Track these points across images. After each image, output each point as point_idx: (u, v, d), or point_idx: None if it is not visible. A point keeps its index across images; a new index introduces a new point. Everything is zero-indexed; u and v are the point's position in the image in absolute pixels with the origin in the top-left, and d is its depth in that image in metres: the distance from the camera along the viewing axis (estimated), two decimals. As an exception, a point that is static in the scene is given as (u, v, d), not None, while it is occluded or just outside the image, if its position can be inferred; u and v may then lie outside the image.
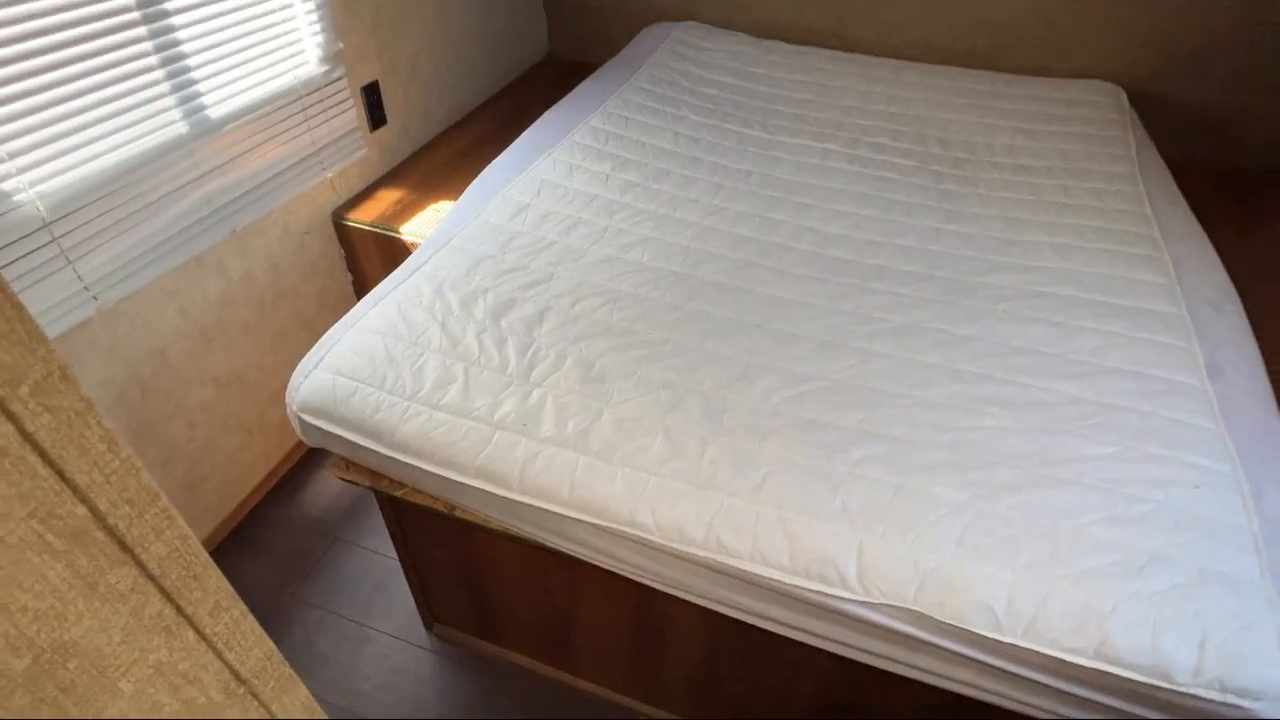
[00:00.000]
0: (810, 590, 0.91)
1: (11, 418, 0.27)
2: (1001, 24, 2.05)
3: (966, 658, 0.89)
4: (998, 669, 0.89)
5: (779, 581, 0.92)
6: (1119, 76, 2.03)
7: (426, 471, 1.05)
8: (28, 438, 0.28)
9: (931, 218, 1.53)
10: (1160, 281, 1.33)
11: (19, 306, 0.27)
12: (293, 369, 1.17)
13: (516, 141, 1.77)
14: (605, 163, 1.66)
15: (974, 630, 0.85)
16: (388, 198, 1.84)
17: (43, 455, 0.29)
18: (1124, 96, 1.95)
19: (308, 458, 1.92)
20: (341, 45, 1.65)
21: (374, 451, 1.08)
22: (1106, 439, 1.04)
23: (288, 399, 1.14)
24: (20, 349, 0.27)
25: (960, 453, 1.01)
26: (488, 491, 1.03)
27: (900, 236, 1.48)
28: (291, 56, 1.53)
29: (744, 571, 0.93)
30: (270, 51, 1.47)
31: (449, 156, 2.01)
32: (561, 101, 1.94)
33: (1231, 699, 0.79)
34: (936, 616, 0.86)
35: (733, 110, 1.91)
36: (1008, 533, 0.91)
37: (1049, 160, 1.71)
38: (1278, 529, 0.91)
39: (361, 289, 1.92)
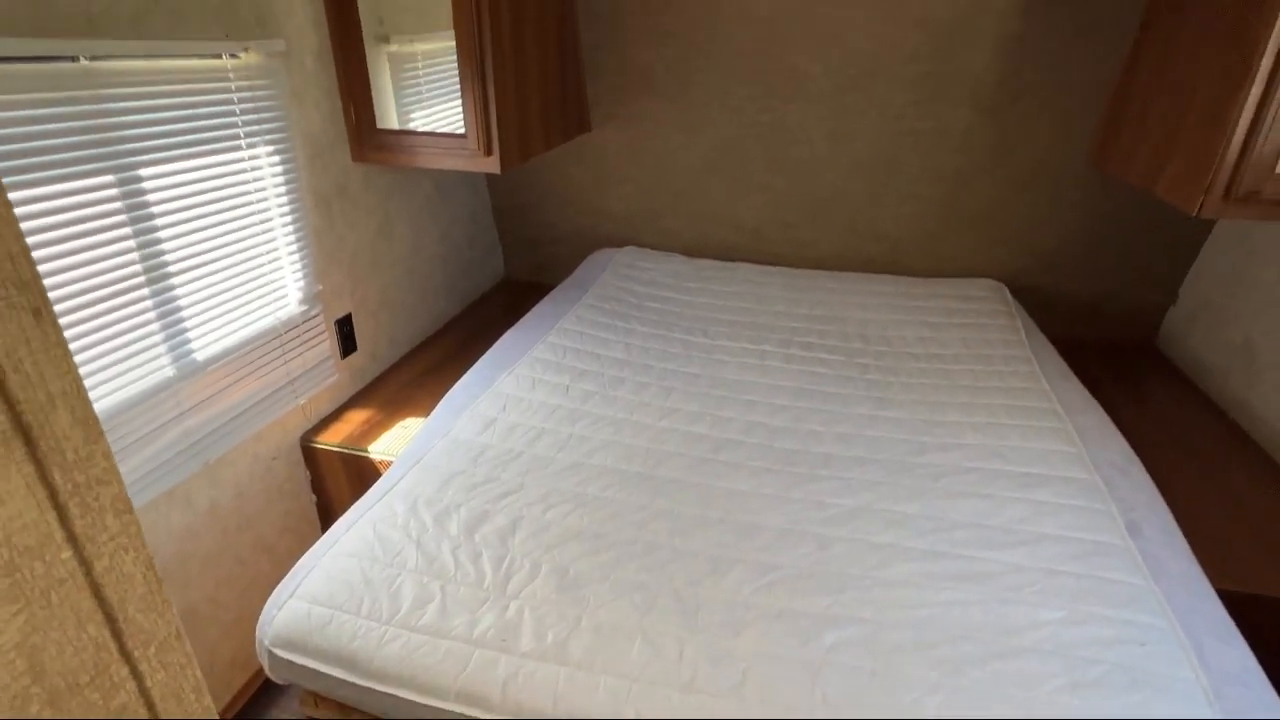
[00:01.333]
0: (804, 792, 0.90)
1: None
2: (896, 238, 2.42)
3: None
4: None
5: (772, 786, 0.91)
6: (998, 273, 2.38)
7: (404, 700, 1.03)
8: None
9: (863, 405, 1.70)
10: (1070, 450, 1.49)
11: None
12: (247, 599, 1.17)
13: (480, 360, 1.92)
14: (564, 375, 1.81)
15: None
16: (356, 419, 1.92)
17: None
18: (1006, 290, 2.27)
19: (263, 692, 1.79)
20: (321, 287, 1.83)
21: (349, 683, 1.06)
22: (1054, 603, 1.11)
23: (258, 634, 1.13)
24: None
25: (924, 630, 1.06)
26: (468, 717, 1.01)
27: (839, 424, 1.63)
28: (275, 300, 1.69)
29: (736, 779, 0.92)
30: (257, 297, 1.63)
31: (414, 376, 2.14)
32: (520, 322, 2.14)
33: None
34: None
35: (676, 321, 2.14)
36: (982, 706, 0.94)
37: (955, 349, 1.95)
38: (1223, 680, 0.98)
39: (326, 511, 1.93)
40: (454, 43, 1.70)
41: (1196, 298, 2.16)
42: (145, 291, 1.34)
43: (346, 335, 1.97)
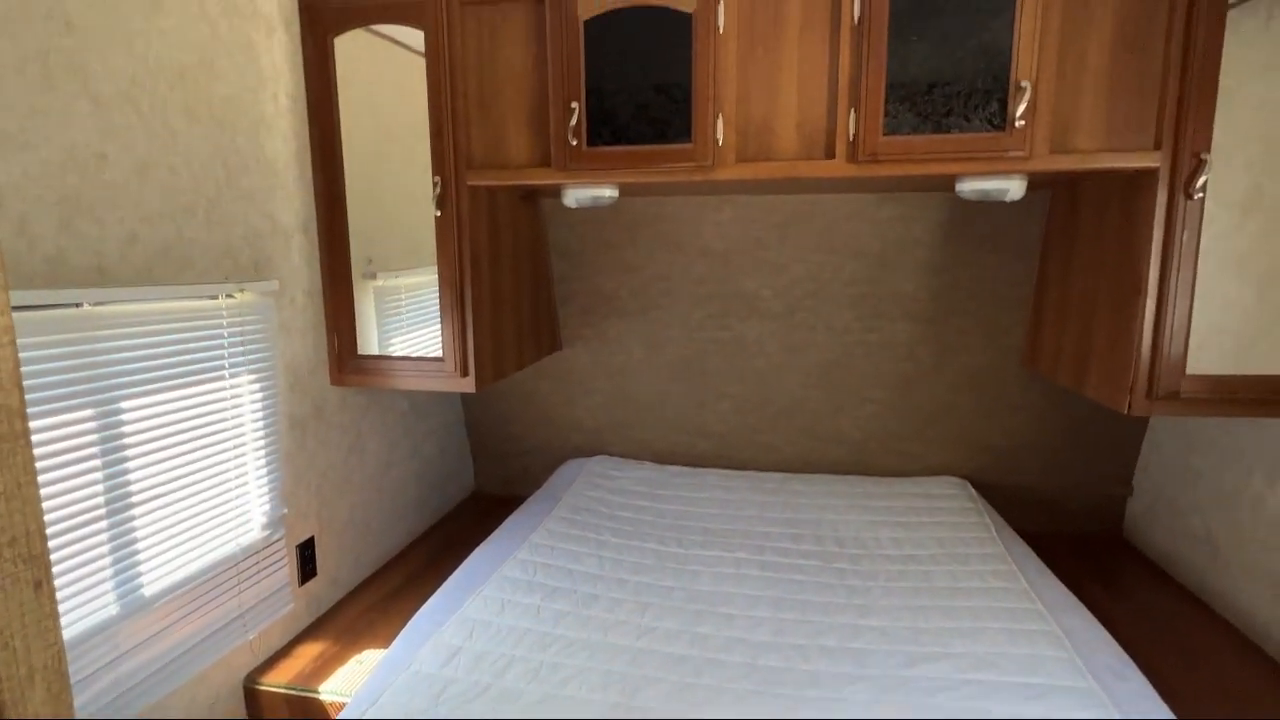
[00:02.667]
0: None
1: None
2: (858, 440, 2.51)
3: None
4: None
5: None
6: (959, 471, 2.45)
7: None
8: None
9: (846, 614, 1.64)
10: (1062, 655, 1.44)
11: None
12: None
13: (447, 582, 1.85)
14: (535, 594, 1.74)
15: None
16: (308, 653, 1.78)
17: None
18: (970, 487, 2.33)
19: None
20: (286, 510, 1.79)
21: None
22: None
23: None
24: None
25: None
26: None
27: (822, 637, 1.56)
28: (237, 526, 1.64)
29: None
30: (218, 524, 1.58)
31: (377, 600, 2.02)
32: (490, 538, 2.09)
33: None
34: None
35: (649, 530, 2.11)
36: None
37: (931, 549, 1.94)
38: None
39: (263, 766, 1.71)
40: (436, 277, 1.86)
41: (1151, 489, 2.24)
42: (103, 524, 1.30)
43: (307, 559, 1.90)
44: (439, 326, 1.89)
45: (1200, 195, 1.47)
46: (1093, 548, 2.26)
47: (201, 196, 1.51)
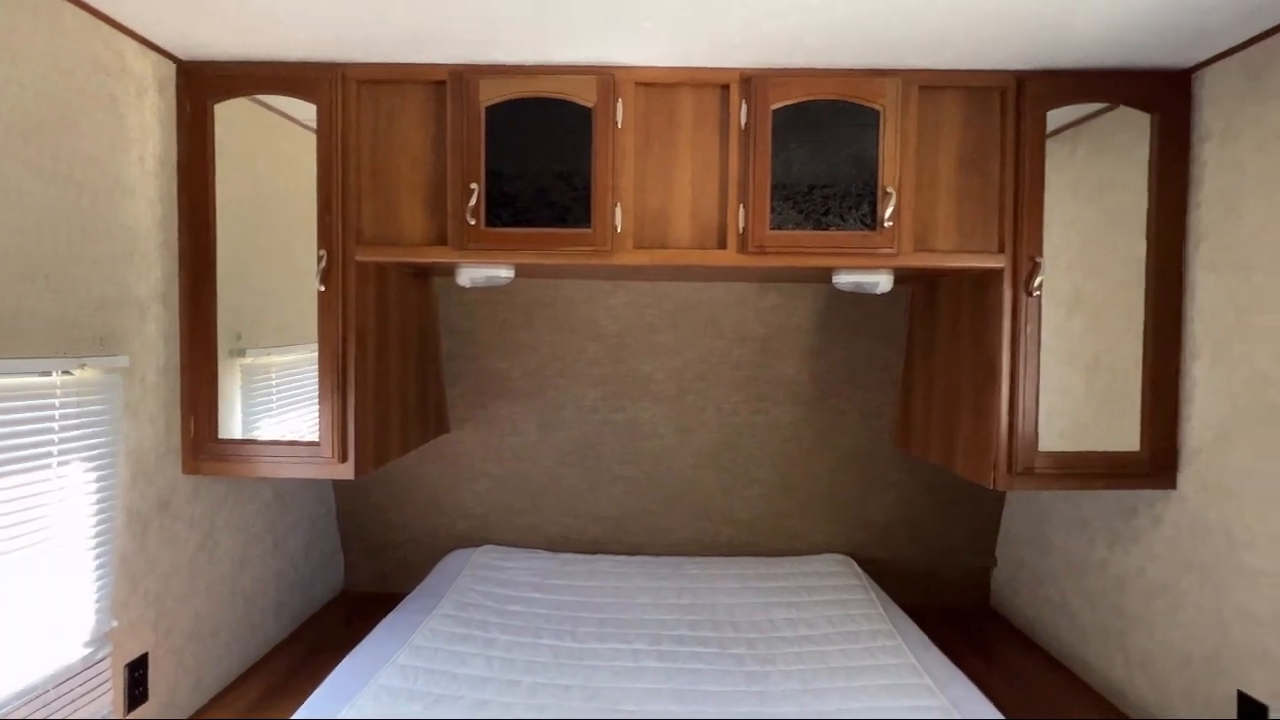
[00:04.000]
0: None
1: None
2: (746, 520, 2.55)
3: None
4: None
5: None
6: (843, 547, 2.54)
7: None
8: None
9: (746, 703, 1.61)
10: (953, 729, 1.47)
11: None
12: None
13: (313, 696, 1.63)
14: (417, 704, 1.57)
15: None
16: (132, 799, 1.48)
17: None
18: (854, 563, 2.41)
19: None
20: (115, 623, 1.53)
21: None
22: None
23: None
24: None
25: None
26: None
27: (726, 729, 1.51)
28: (51, 644, 1.37)
29: None
30: (24, 644, 1.32)
31: (222, 725, 1.75)
32: (363, 643, 1.88)
33: None
34: None
35: (542, 624, 1.99)
36: None
37: (824, 629, 1.96)
38: None
39: None
40: (314, 354, 1.74)
41: (1012, 560, 2.42)
42: None
43: (137, 681, 1.61)
44: (315, 408, 1.75)
45: (1038, 293, 1.68)
46: (964, 617, 2.39)
47: (43, 261, 1.34)
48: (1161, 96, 1.66)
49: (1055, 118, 1.69)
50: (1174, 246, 1.68)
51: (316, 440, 1.75)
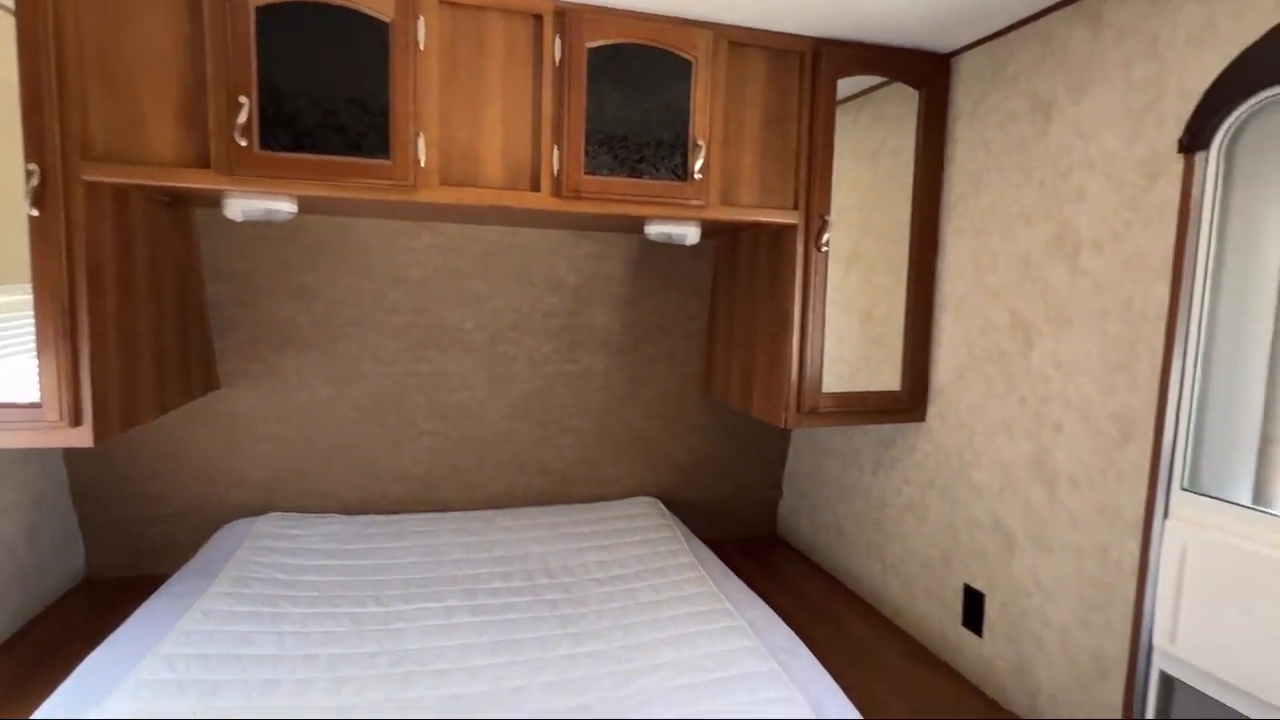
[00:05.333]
0: None
1: None
2: (559, 469, 2.56)
3: None
4: None
5: None
6: (651, 490, 2.66)
7: None
8: None
9: (562, 645, 1.63)
10: (749, 644, 1.62)
11: None
12: None
13: (48, 701, 1.36)
14: (189, 695, 1.38)
15: None
16: None
17: None
18: (660, 504, 2.54)
19: None
20: None
21: None
22: (782, 811, 1.12)
23: None
24: None
25: None
26: None
27: (541, 673, 1.52)
28: None
29: None
30: None
31: (-87, 757, 1.40)
32: (114, 636, 1.60)
33: None
34: None
35: (340, 592, 1.84)
36: None
37: (634, 568, 2.04)
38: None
39: None
40: (30, 297, 1.40)
41: (795, 491, 2.70)
42: None
43: None
44: (33, 362, 1.42)
45: (826, 249, 1.84)
46: (757, 546, 2.64)
47: None
48: (928, 76, 1.87)
49: (845, 86, 1.83)
50: (932, 213, 1.92)
51: (37, 401, 1.42)
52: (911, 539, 2.04)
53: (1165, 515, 1.32)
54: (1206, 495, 1.27)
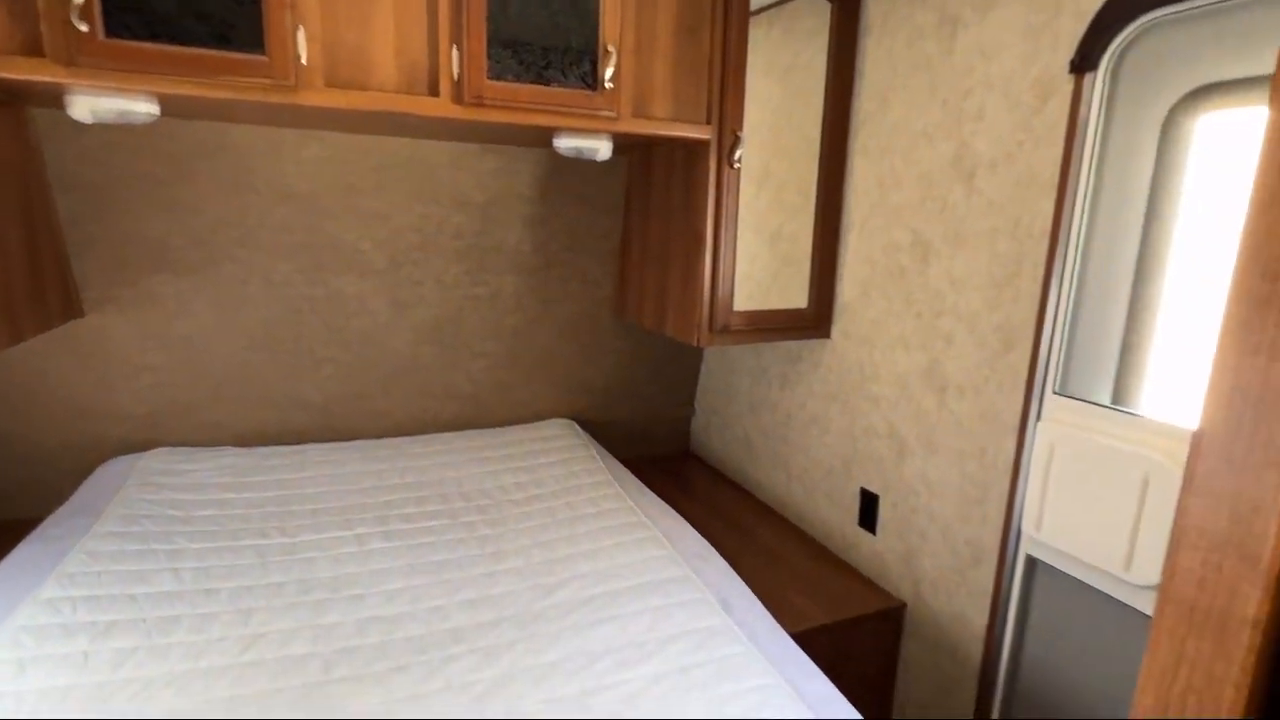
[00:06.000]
0: None
1: None
2: (470, 394, 2.51)
3: None
4: None
5: None
6: (566, 412, 2.66)
7: None
8: None
9: (481, 565, 1.64)
10: (664, 553, 1.69)
11: None
12: None
13: (-90, 659, 1.25)
14: (79, 639, 1.30)
15: None
16: None
17: None
18: (576, 425, 2.55)
19: None
20: None
21: None
22: (696, 698, 1.20)
23: None
24: None
25: (601, 781, 1.03)
26: None
27: (461, 592, 1.53)
28: None
29: None
30: None
31: None
32: (-15, 582, 1.48)
33: None
34: None
35: (242, 525, 1.77)
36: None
37: (550, 487, 2.07)
38: (820, 706, 1.18)
39: None
40: None
41: (707, 408, 2.78)
42: None
43: None
44: None
45: (738, 166, 1.82)
46: (671, 463, 2.72)
47: None
48: (839, -12, 1.84)
49: (757, -5, 1.78)
50: (841, 131, 1.94)
51: None
52: (815, 449, 2.15)
53: (1038, 417, 1.45)
54: (1074, 398, 1.40)
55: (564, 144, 1.82)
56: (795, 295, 2.02)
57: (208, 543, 1.68)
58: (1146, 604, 1.27)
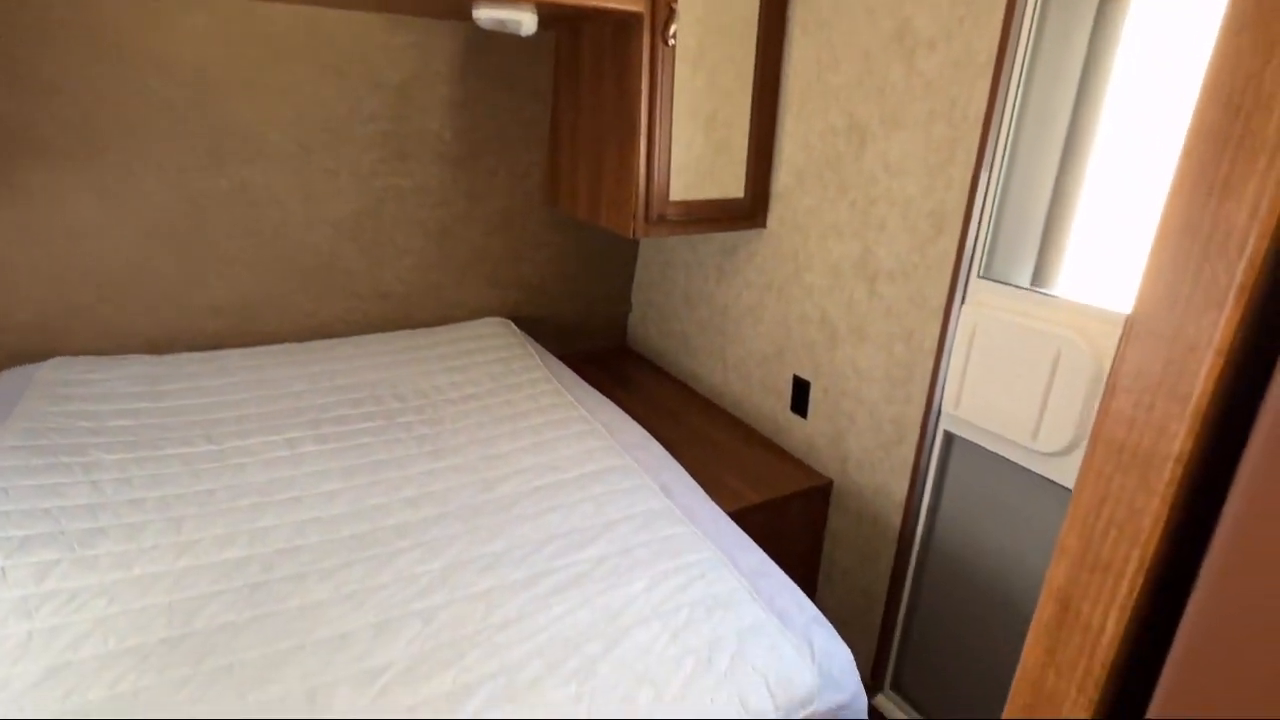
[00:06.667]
0: None
1: None
2: (400, 294, 2.41)
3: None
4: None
5: None
6: (500, 310, 2.60)
7: None
8: None
9: (421, 463, 1.64)
10: (604, 444, 1.72)
11: None
12: None
13: None
14: (-7, 554, 1.24)
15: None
16: None
17: None
18: (511, 324, 2.51)
19: None
20: None
21: None
22: (638, 576, 1.26)
23: None
24: None
25: (550, 651, 1.08)
26: None
27: (402, 489, 1.53)
28: None
29: None
30: None
31: None
32: (-124, 503, 1.38)
33: (805, 712, 1.02)
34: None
35: (163, 434, 1.69)
36: (619, 689, 1.00)
37: (487, 385, 2.04)
38: (753, 577, 1.26)
39: None
40: None
41: (643, 302, 2.77)
42: None
43: None
44: None
45: (673, 42, 1.72)
46: (609, 358, 2.73)
47: None
48: None
49: None
50: (780, 7, 1.84)
51: None
52: (750, 339, 2.19)
53: (963, 301, 1.51)
54: (996, 281, 1.45)
55: (484, 14, 1.67)
56: (731, 184, 1.98)
57: (126, 453, 1.60)
58: (1050, 470, 1.38)
